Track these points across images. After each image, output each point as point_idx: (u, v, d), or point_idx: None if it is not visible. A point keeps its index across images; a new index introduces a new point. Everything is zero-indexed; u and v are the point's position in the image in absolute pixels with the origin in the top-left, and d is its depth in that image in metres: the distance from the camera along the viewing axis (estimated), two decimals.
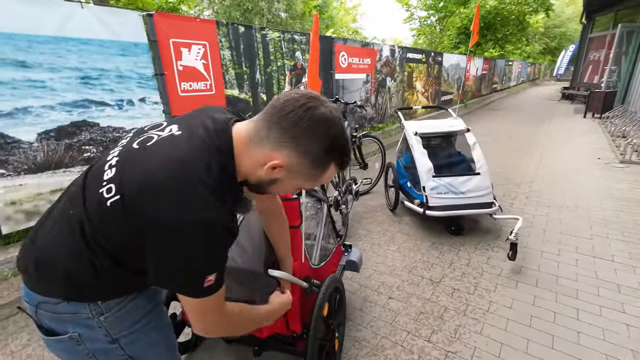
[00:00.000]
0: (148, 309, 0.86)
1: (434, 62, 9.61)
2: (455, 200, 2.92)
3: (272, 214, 1.16)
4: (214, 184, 0.69)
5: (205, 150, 0.71)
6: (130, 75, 2.97)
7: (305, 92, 0.74)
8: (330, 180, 0.77)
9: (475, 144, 3.13)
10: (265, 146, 0.73)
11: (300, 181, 0.79)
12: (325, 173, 0.77)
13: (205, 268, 0.70)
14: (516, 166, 5.06)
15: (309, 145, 0.71)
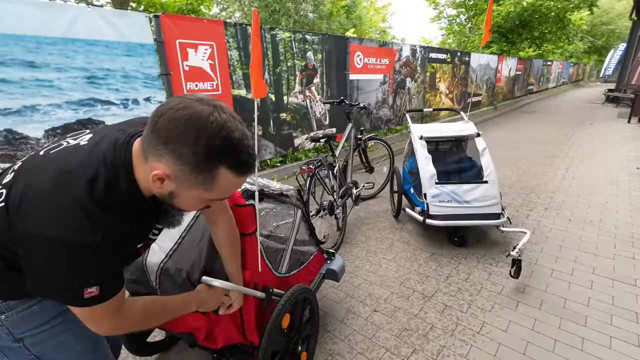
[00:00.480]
0: (58, 311, 0.85)
1: (461, 62, 9.21)
2: (459, 209, 2.73)
3: (218, 226, 1.11)
4: (92, 200, 0.66)
5: (96, 165, 0.69)
6: (136, 75, 3.06)
7: (186, 94, 0.69)
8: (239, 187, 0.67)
9: (485, 149, 2.91)
10: (149, 157, 0.69)
11: (197, 191, 0.72)
12: (217, 179, 0.69)
13: (79, 282, 0.67)
14: (541, 174, 4.70)
15: (181, 150, 0.65)
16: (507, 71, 12.92)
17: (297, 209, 1.67)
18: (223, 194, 0.75)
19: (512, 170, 4.94)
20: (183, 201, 0.75)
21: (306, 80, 4.77)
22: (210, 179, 0.69)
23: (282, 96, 4.47)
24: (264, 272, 1.38)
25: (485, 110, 11.62)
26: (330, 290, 2.31)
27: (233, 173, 0.70)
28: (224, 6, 21.45)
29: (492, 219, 2.67)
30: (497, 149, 6.42)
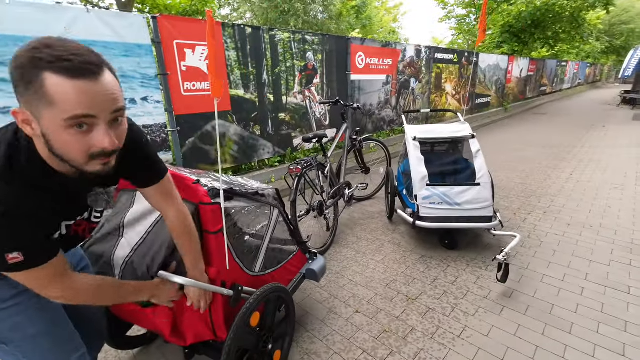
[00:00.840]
0: (12, 294, 0.90)
1: (468, 63, 9.07)
2: (450, 211, 2.70)
3: (167, 218, 1.12)
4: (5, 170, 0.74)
5: None
6: (134, 75, 3.12)
7: None
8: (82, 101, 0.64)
9: (479, 152, 2.87)
10: None
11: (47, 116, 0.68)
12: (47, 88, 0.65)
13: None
14: (544, 178, 4.59)
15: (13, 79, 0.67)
16: (518, 72, 12.67)
17: (274, 209, 1.68)
18: (71, 107, 0.67)
19: (514, 173, 4.84)
20: (54, 138, 0.70)
21: (306, 81, 4.79)
22: (43, 91, 0.65)
23: (280, 96, 4.50)
24: (233, 270, 1.39)
25: (495, 111, 11.42)
26: (314, 290, 2.31)
27: (60, 76, 0.65)
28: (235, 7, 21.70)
29: (483, 222, 2.63)
30: (502, 151, 6.31)
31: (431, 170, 2.94)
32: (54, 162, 0.77)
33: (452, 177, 3.11)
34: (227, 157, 4.04)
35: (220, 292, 1.28)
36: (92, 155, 0.73)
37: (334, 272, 2.53)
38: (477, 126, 9.35)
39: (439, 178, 3.12)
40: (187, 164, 3.68)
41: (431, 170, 2.94)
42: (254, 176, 4.30)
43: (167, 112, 3.45)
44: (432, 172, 2.95)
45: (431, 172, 2.91)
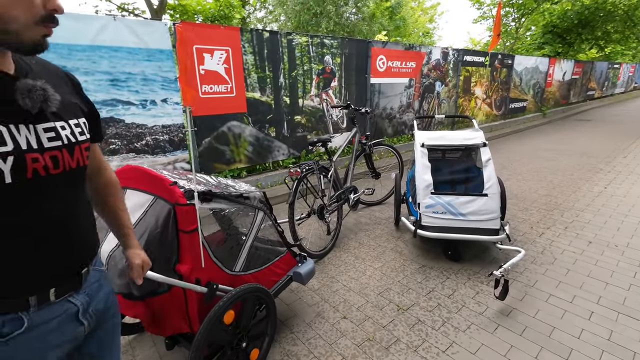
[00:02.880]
0: None
1: (502, 66, 8.64)
2: (453, 222, 2.61)
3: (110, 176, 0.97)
4: None
5: None
6: (155, 78, 3.33)
7: None
8: None
9: (489, 161, 2.75)
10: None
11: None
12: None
13: None
14: (573, 190, 4.28)
15: None
16: (560, 75, 11.86)
17: (258, 212, 1.73)
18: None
19: (541, 184, 4.56)
20: None
21: (323, 84, 4.82)
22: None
23: (297, 99, 4.57)
24: (210, 268, 1.46)
25: (532, 116, 10.78)
26: (306, 292, 2.34)
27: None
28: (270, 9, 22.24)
29: (488, 235, 2.52)
30: (532, 159, 5.96)
31: (440, 177, 2.87)
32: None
33: (463, 185, 3.01)
34: (242, 157, 4.18)
35: (193, 288, 1.35)
36: (40, 19, 0.63)
37: (329, 276, 2.55)
38: (510, 132, 8.88)
39: (448, 186, 3.03)
40: (203, 162, 3.85)
41: (440, 177, 2.87)
42: (268, 176, 4.41)
43: (185, 113, 3.63)
44: (442, 180, 2.88)
45: (440, 180, 2.84)
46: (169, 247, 1.34)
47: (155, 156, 3.49)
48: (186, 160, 3.71)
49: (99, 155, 0.95)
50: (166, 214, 1.31)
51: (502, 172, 5.22)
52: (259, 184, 4.29)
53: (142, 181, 1.41)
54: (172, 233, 1.33)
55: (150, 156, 3.45)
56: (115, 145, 3.22)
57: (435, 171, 2.87)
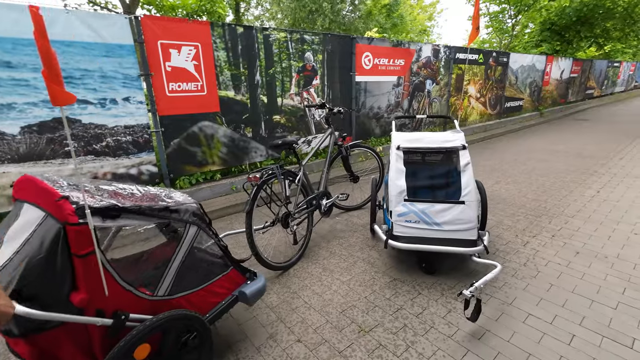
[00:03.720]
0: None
1: (497, 64, 8.41)
2: (427, 232, 2.41)
3: None
4: None
5: None
6: (115, 75, 3.12)
7: None
8: None
9: (468, 165, 2.53)
10: None
11: None
12: None
13: None
14: (564, 194, 4.07)
15: None
16: (557, 73, 11.62)
17: (190, 226, 1.53)
18: None
19: (531, 187, 4.34)
20: None
21: (304, 82, 4.61)
22: None
23: (275, 98, 4.35)
24: (117, 295, 1.25)
25: (528, 116, 10.56)
26: (262, 310, 2.14)
27: None
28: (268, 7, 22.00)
29: (464, 246, 2.31)
30: (524, 160, 5.75)
31: (418, 183, 2.65)
32: None
33: (439, 192, 2.79)
34: (216, 159, 3.97)
35: (87, 321, 1.15)
36: None
37: (291, 290, 2.34)
38: (505, 132, 8.66)
39: (427, 192, 2.81)
40: (172, 165, 3.64)
41: (418, 183, 2.65)
42: (244, 179, 4.20)
43: (151, 113, 3.42)
44: (419, 186, 2.66)
45: (418, 185, 2.63)
46: (60, 275, 1.13)
47: (118, 158, 3.28)
48: (153, 163, 3.50)
49: None
50: (54, 235, 1.11)
51: (492, 174, 5.01)
52: (234, 187, 4.08)
53: (35, 194, 1.20)
54: (62, 257, 1.12)
55: (111, 158, 3.24)
56: None
57: (412, 176, 2.67)
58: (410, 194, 2.52)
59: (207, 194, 3.85)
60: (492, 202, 3.87)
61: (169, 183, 3.64)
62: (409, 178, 2.60)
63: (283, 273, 2.56)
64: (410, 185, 2.55)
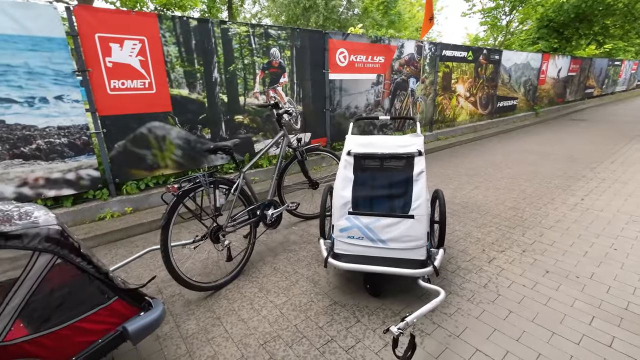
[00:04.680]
0: None
1: (488, 61, 8.08)
2: (371, 250, 2.13)
3: None
4: None
5: None
6: (44, 71, 2.85)
7: None
8: None
9: (421, 174, 2.25)
10: None
11: None
12: None
13: None
14: (546, 201, 3.77)
15: None
16: (554, 72, 11.27)
17: (40, 254, 1.25)
18: None
19: (511, 194, 4.05)
20: None
21: (270, 80, 4.32)
22: None
23: (237, 97, 4.07)
24: None
25: (523, 116, 10.23)
26: (173, 341, 1.87)
27: None
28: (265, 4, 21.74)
29: (410, 267, 2.03)
30: (510, 163, 5.44)
31: (367, 193, 2.36)
32: None
33: (393, 203, 2.50)
34: (169, 163, 3.70)
35: None
36: None
37: (215, 315, 2.07)
38: (497, 132, 8.35)
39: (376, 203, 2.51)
40: (117, 169, 3.37)
41: (367, 193, 2.36)
42: None
43: (91, 113, 3.16)
44: (368, 196, 2.36)
45: (366, 196, 2.33)
46: None
47: (51, 162, 3.01)
48: (94, 167, 3.24)
49: None
50: None
51: (473, 178, 4.71)
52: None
53: None
54: None
55: (44, 162, 2.98)
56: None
57: (362, 185, 2.38)
58: (356, 205, 2.23)
59: (158, 199, 3.58)
60: (465, 210, 3.58)
61: (114, 188, 3.38)
62: (358, 187, 2.32)
63: (214, 294, 2.29)
64: (357, 196, 2.27)
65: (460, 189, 4.29)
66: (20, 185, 2.91)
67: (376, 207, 2.27)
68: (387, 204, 2.30)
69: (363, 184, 2.38)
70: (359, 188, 2.33)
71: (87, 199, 3.30)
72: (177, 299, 2.24)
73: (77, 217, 3.17)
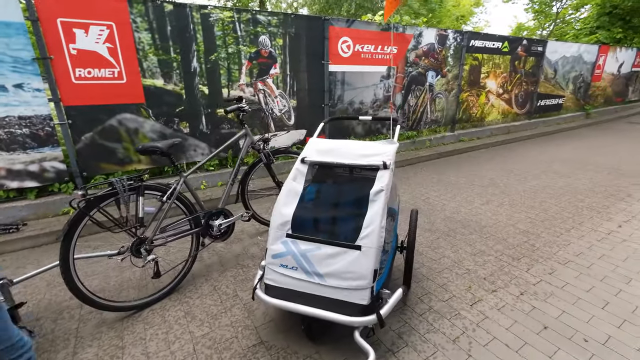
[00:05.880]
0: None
1: (528, 53, 7.09)
2: (305, 284, 1.72)
3: None
4: None
5: None
6: (1, 58, 2.72)
7: None
8: None
9: (380, 194, 1.77)
10: None
11: None
12: None
13: None
14: (568, 227, 3.09)
15: None
16: (614, 67, 9.80)
17: None
18: None
19: (529, 212, 3.39)
20: None
21: (258, 71, 3.97)
22: None
23: (219, 88, 3.77)
24: None
25: (570, 117, 9.02)
26: None
27: None
28: None
29: (347, 313, 1.60)
30: (542, 173, 4.67)
31: (322, 212, 1.94)
32: None
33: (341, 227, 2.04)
34: (142, 157, 3.50)
35: None
36: None
37: (120, 345, 1.79)
38: (533, 135, 7.39)
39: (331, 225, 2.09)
40: (84, 162, 3.23)
41: (322, 212, 1.94)
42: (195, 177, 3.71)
43: (55, 103, 3.01)
44: (322, 217, 1.94)
45: (312, 217, 1.91)
46: None
47: (12, 153, 2.92)
48: (59, 159, 3.11)
49: None
50: None
51: (487, 190, 4.06)
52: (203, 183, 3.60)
53: None
54: None
55: (4, 153, 2.89)
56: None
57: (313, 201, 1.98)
58: (297, 227, 1.83)
59: None
60: (464, 230, 3.02)
61: (81, 182, 3.24)
62: (304, 204, 1.91)
63: (134, 314, 2.02)
64: (300, 215, 1.86)
65: (468, 202, 3.69)
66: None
67: (321, 231, 1.84)
68: (334, 228, 1.87)
69: (311, 201, 1.97)
70: (305, 205, 1.92)
71: (52, 192, 3.19)
72: (93, 316, 2.00)
73: (40, 210, 3.07)
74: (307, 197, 1.97)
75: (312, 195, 2.00)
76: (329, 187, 2.11)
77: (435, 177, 4.64)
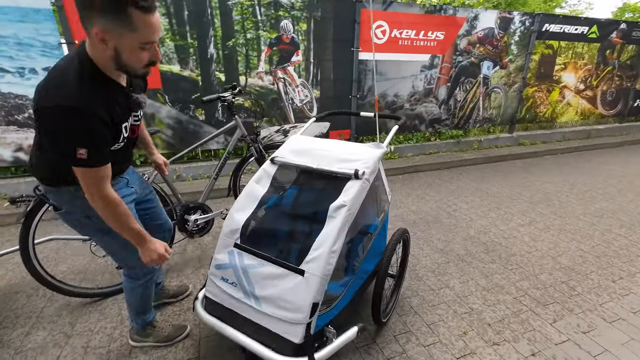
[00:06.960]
0: None
1: (627, 40, 5.72)
2: (241, 305, 1.50)
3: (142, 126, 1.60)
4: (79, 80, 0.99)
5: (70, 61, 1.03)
6: (32, 43, 2.93)
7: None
8: None
9: (341, 210, 1.46)
10: (88, 28, 0.94)
11: (128, 37, 0.95)
12: (133, 18, 0.91)
13: (71, 142, 0.99)
14: (636, 269, 2.36)
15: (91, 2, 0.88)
16: None
17: None
18: (147, 34, 0.97)
19: (581, 242, 2.69)
20: (128, 55, 0.99)
21: (279, 58, 3.76)
22: (127, 18, 0.91)
23: (236, 76, 3.66)
24: None
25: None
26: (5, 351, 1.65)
27: (139, 11, 0.91)
28: None
29: (275, 350, 1.35)
30: (616, 192, 3.76)
31: (278, 224, 1.69)
32: (112, 72, 1.07)
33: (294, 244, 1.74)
34: (158, 141, 3.58)
35: None
36: (147, 64, 1.05)
37: (68, 333, 1.79)
38: (624, 142, 6.06)
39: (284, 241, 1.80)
40: None
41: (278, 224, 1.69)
42: (191, 167, 3.75)
43: None
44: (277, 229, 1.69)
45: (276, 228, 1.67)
46: None
47: None
48: None
49: (142, 123, 1.47)
50: None
51: (534, 208, 3.35)
52: (177, 174, 3.66)
53: None
54: None
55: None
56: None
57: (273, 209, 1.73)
58: (248, 237, 1.60)
59: None
60: (484, 256, 2.49)
61: None
62: (264, 211, 1.68)
63: (98, 301, 2.02)
64: (254, 224, 1.64)
65: (504, 221, 3.07)
66: (16, 150, 3.15)
67: (270, 246, 1.59)
68: (286, 245, 1.60)
69: (270, 209, 1.72)
70: (263, 212, 1.69)
71: None
72: (63, 298, 2.04)
73: None
74: (268, 203, 1.72)
75: (274, 201, 1.74)
76: (298, 194, 1.83)
77: (474, 185, 4.00)
